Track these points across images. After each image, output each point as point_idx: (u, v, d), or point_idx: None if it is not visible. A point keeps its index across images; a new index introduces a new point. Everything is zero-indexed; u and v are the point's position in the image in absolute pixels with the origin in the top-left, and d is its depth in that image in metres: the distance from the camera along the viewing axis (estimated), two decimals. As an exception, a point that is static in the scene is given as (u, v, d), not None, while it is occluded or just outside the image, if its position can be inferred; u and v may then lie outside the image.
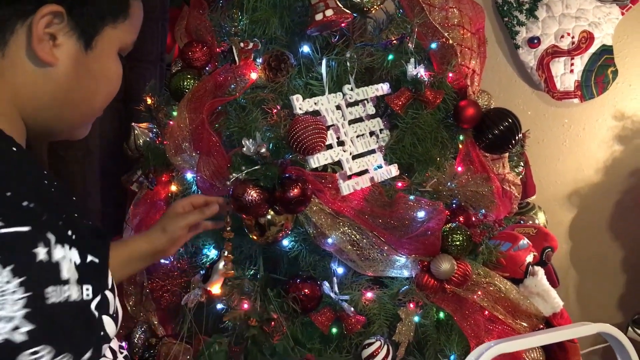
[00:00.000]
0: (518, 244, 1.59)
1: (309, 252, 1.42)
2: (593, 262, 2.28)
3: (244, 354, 1.37)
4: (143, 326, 1.53)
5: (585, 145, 2.26)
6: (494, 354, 1.03)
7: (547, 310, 1.55)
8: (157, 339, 1.51)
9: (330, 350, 1.40)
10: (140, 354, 1.51)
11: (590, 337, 2.30)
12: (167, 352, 1.46)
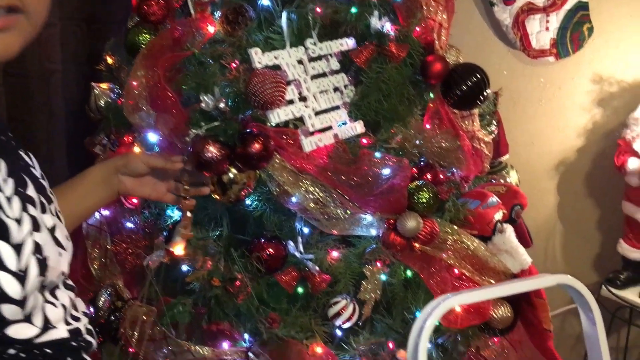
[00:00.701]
0: (487, 201, 1.58)
1: (274, 211, 1.40)
2: (569, 223, 2.28)
3: (208, 314, 1.36)
4: (108, 289, 1.51)
5: (561, 105, 2.24)
6: (451, 305, 1.01)
7: (515, 267, 1.55)
8: (123, 302, 1.49)
9: (296, 310, 1.39)
10: (106, 317, 1.49)
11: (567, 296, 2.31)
12: (133, 315, 1.45)
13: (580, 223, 2.27)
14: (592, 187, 2.24)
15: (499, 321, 1.57)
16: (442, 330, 1.52)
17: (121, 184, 1.15)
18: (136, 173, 1.15)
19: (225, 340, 1.40)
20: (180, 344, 1.36)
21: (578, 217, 2.27)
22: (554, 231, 2.30)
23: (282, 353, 1.34)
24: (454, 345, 1.52)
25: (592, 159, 2.24)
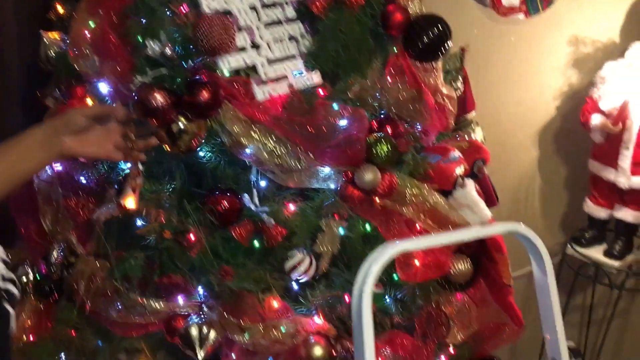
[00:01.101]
0: (448, 156, 1.56)
1: (229, 164, 1.37)
2: (537, 183, 2.28)
3: (160, 268, 1.34)
4: (61, 245, 1.48)
5: (531, 64, 2.21)
6: (397, 251, 1.00)
7: (476, 221, 1.54)
8: (76, 257, 1.47)
9: (251, 263, 1.37)
10: (59, 273, 1.47)
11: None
12: (85, 270, 1.42)
13: (549, 183, 2.27)
14: (561, 147, 2.23)
15: (459, 276, 1.57)
16: (401, 285, 1.51)
17: (63, 144, 1.08)
18: (78, 128, 1.10)
19: (179, 294, 1.38)
20: (132, 298, 1.34)
21: (547, 177, 2.27)
22: (522, 190, 2.30)
23: (236, 306, 1.33)
24: (413, 299, 1.51)
25: (561, 119, 2.22)
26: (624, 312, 2.29)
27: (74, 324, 1.48)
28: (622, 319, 2.30)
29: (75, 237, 1.48)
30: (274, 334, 1.31)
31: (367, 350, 0.96)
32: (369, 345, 0.96)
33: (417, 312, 1.52)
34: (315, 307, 1.40)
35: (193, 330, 1.31)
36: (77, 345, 1.50)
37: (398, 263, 1.47)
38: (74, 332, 1.49)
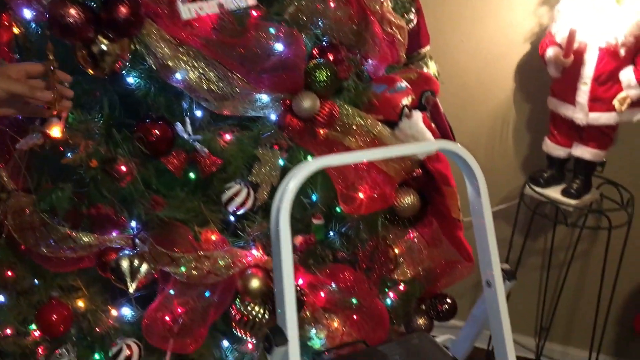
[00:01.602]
0: (394, 86, 1.51)
1: (160, 91, 1.31)
2: (498, 123, 2.24)
3: (88, 199, 1.29)
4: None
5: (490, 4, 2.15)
6: (317, 167, 0.95)
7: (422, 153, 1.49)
8: (7, 193, 1.41)
9: (184, 194, 1.32)
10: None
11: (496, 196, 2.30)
12: (15, 205, 1.37)
13: (509, 123, 2.23)
14: (522, 87, 2.18)
15: (407, 209, 1.54)
16: (345, 218, 1.48)
17: None
18: None
19: (112, 228, 1.34)
20: (60, 230, 1.29)
21: (507, 118, 2.22)
22: (483, 131, 2.26)
23: (167, 236, 1.28)
24: (357, 233, 1.47)
25: (526, 59, 2.17)
26: (583, 253, 2.28)
27: (9, 263, 1.44)
28: (582, 261, 2.30)
29: (6, 172, 1.42)
30: (207, 265, 1.27)
31: (284, 267, 0.92)
32: (286, 261, 0.92)
33: (362, 247, 1.48)
34: (253, 239, 1.36)
35: (124, 263, 1.27)
36: (12, 284, 1.46)
37: (341, 196, 1.43)
38: (10, 272, 1.45)
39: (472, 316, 1.24)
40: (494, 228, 2.37)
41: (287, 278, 0.92)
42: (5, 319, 1.43)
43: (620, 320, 2.34)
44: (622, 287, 2.26)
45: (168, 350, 1.32)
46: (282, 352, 0.92)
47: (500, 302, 1.11)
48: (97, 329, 1.36)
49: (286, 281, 0.92)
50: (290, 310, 0.92)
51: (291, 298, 0.92)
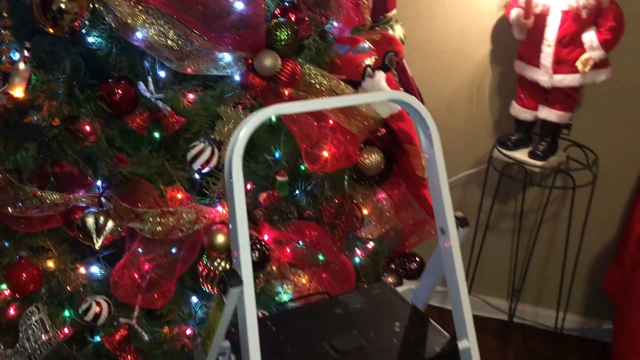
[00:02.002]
0: (357, 46, 1.53)
1: (122, 50, 1.32)
2: (468, 89, 2.27)
3: (51, 157, 1.30)
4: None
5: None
6: (269, 114, 0.97)
7: (385, 112, 1.52)
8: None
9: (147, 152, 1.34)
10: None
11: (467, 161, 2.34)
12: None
13: (480, 89, 2.26)
14: (492, 53, 2.21)
15: (371, 168, 1.57)
16: (310, 177, 1.51)
17: None
18: None
19: (77, 187, 1.36)
20: (25, 190, 1.31)
21: (478, 84, 2.25)
22: (454, 96, 2.29)
23: (132, 194, 1.31)
24: (322, 190, 1.50)
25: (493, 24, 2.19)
26: (552, 216, 2.33)
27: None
28: (551, 223, 2.35)
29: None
30: (172, 221, 1.29)
31: (238, 213, 0.95)
32: (240, 207, 0.95)
33: (327, 204, 1.51)
34: (218, 196, 1.38)
35: (89, 220, 1.29)
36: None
37: (305, 155, 1.45)
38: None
39: (430, 265, 1.28)
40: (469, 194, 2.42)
41: (240, 223, 0.95)
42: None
43: (589, 280, 2.40)
44: (590, 247, 2.31)
45: (136, 305, 1.35)
46: (237, 293, 0.95)
47: (454, 248, 1.14)
48: (67, 287, 1.39)
49: (240, 226, 0.95)
50: (244, 253, 0.95)
51: (245, 242, 0.95)
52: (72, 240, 1.40)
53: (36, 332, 1.38)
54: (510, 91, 2.14)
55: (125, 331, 1.34)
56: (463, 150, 2.34)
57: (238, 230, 0.95)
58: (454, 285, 1.16)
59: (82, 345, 1.40)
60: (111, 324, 1.36)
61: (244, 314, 0.95)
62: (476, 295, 2.54)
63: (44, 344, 1.37)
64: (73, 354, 1.39)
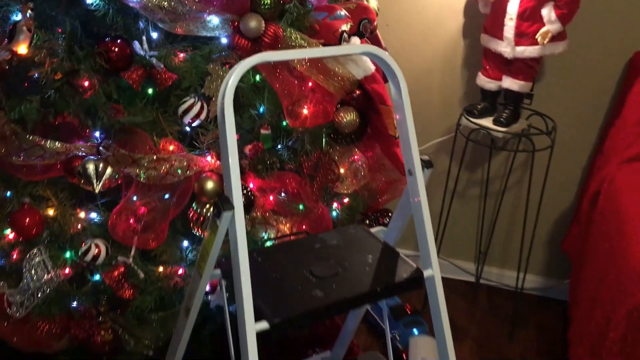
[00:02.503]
0: (334, 13, 1.66)
1: (117, 11, 1.44)
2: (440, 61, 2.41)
3: (54, 109, 1.42)
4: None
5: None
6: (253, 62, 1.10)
7: (359, 73, 1.66)
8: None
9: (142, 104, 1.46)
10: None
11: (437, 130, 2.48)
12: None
13: (451, 61, 2.41)
14: (463, 27, 2.35)
15: (347, 126, 1.70)
16: (291, 132, 1.64)
17: None
18: None
19: (77, 139, 1.47)
20: (29, 139, 1.42)
21: (449, 56, 2.40)
22: (426, 69, 2.43)
23: (128, 141, 1.43)
24: (302, 145, 1.64)
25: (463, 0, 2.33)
26: (516, 182, 2.50)
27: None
28: (515, 189, 2.51)
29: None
30: (165, 167, 1.42)
31: (230, 147, 1.08)
32: (231, 144, 1.08)
33: (307, 158, 1.65)
34: (207, 147, 1.51)
35: (90, 166, 1.41)
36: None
37: (287, 112, 1.59)
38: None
39: (399, 207, 1.42)
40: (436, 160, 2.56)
41: (232, 155, 1.08)
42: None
43: (549, 242, 2.58)
44: (550, 211, 2.49)
45: (133, 246, 1.47)
46: (229, 216, 1.08)
47: (420, 188, 1.29)
48: (68, 231, 1.50)
49: (231, 158, 1.08)
50: (235, 181, 1.08)
51: (236, 171, 1.08)
52: (72, 188, 1.52)
53: (39, 273, 1.49)
54: (478, 63, 2.29)
55: (122, 269, 1.46)
56: (434, 120, 2.50)
57: (230, 161, 1.08)
58: (420, 220, 1.30)
59: (82, 284, 1.52)
60: (109, 263, 1.48)
61: (235, 235, 1.08)
62: (445, 258, 2.70)
63: (46, 283, 1.49)
64: (73, 292, 1.51)
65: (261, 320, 1.12)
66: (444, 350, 1.32)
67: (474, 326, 2.47)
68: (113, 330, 1.54)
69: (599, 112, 2.32)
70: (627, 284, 1.57)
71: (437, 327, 1.32)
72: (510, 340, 2.39)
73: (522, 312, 2.54)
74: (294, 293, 1.20)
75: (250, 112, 1.54)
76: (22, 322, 1.56)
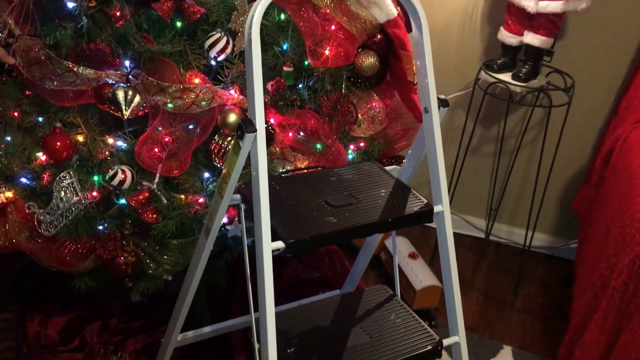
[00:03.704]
0: (361, -44, 1.69)
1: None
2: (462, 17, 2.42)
3: (87, 36, 1.47)
4: (0, 27, 1.59)
5: None
6: None
7: (382, 17, 1.69)
8: (15, 38, 1.59)
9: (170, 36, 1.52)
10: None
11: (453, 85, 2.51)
12: (22, 46, 1.55)
13: (473, 16, 2.42)
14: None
15: (367, 69, 1.75)
16: (312, 72, 1.69)
17: None
18: None
19: (108, 67, 1.53)
20: (63, 64, 1.48)
21: (471, 11, 2.41)
22: (447, 23, 2.45)
23: (157, 70, 1.48)
24: (322, 86, 1.69)
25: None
26: (531, 141, 2.53)
27: (17, 102, 1.63)
28: (530, 147, 2.54)
29: (13, 20, 1.59)
30: (190, 97, 1.48)
31: (255, 77, 1.13)
32: (257, 73, 1.13)
33: (326, 98, 1.70)
34: (231, 81, 1.56)
35: (119, 93, 1.47)
36: (19, 123, 1.66)
37: (309, 52, 1.63)
38: (17, 113, 1.65)
39: (414, 146, 1.47)
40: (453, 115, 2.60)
41: (257, 82, 1.13)
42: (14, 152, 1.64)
43: (561, 201, 2.62)
44: (562, 169, 2.53)
45: (157, 172, 1.54)
46: (252, 137, 1.14)
47: (434, 125, 1.34)
48: (96, 156, 1.58)
49: (256, 84, 1.13)
50: (258, 105, 1.13)
51: (260, 96, 1.13)
52: (101, 116, 1.59)
53: (68, 195, 1.57)
54: (500, 19, 2.31)
55: (147, 194, 1.54)
56: (453, 75, 2.52)
57: (254, 86, 1.13)
58: (433, 158, 1.36)
59: (108, 207, 1.60)
60: (134, 189, 1.56)
61: (257, 156, 1.15)
62: (456, 213, 2.76)
63: (75, 205, 1.57)
64: (100, 215, 1.59)
65: (277, 241, 1.19)
66: (449, 284, 1.39)
67: (480, 279, 2.54)
68: (135, 253, 1.63)
69: (619, 73, 2.34)
70: (632, 233, 1.62)
71: (444, 262, 1.39)
72: (515, 294, 2.46)
73: (529, 269, 2.60)
74: (308, 218, 1.27)
75: (274, 49, 1.58)
76: (50, 241, 1.65)
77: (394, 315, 1.47)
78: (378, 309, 1.49)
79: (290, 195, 1.34)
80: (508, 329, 2.29)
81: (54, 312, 2.00)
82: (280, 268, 2.30)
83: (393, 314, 1.47)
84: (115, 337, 1.95)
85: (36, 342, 1.89)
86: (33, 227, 1.61)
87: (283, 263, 2.33)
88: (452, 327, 1.41)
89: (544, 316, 2.36)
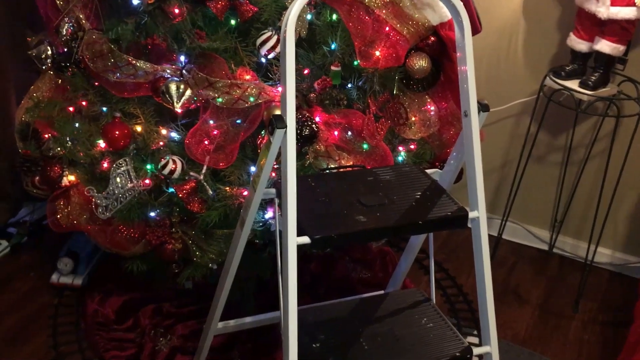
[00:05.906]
0: (416, -43, 1.68)
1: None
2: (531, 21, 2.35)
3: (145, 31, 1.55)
4: (71, 20, 1.71)
5: None
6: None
7: (435, 20, 1.68)
8: (83, 32, 1.70)
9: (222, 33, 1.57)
10: (67, 43, 1.72)
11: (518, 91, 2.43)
12: (88, 39, 1.66)
13: (542, 21, 2.34)
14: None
15: (418, 71, 1.73)
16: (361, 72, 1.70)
17: None
18: None
19: (165, 61, 1.61)
20: (123, 57, 1.57)
21: (540, 16, 2.34)
22: (516, 28, 2.38)
23: (207, 65, 1.55)
24: (371, 85, 1.69)
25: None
26: (600, 152, 2.41)
27: (83, 92, 1.75)
28: (599, 159, 2.43)
29: (84, 14, 1.71)
30: (238, 92, 1.53)
31: (288, 75, 1.15)
32: (290, 74, 1.15)
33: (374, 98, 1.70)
34: (279, 79, 1.60)
35: (172, 86, 1.54)
36: (86, 111, 1.77)
37: (359, 53, 1.64)
38: (85, 102, 1.77)
39: (454, 150, 1.45)
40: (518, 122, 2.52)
41: (289, 81, 1.16)
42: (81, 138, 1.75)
43: (631, 216, 2.48)
44: (632, 182, 2.39)
45: (205, 164, 1.60)
46: (282, 133, 1.17)
47: (473, 130, 1.32)
48: (150, 146, 1.66)
49: (289, 82, 1.16)
50: (290, 103, 1.16)
51: (292, 95, 1.16)
52: (157, 108, 1.67)
53: (123, 181, 1.66)
54: (570, 25, 2.22)
55: (194, 184, 1.60)
56: (519, 81, 2.45)
57: (287, 84, 1.16)
58: (470, 163, 1.34)
59: (159, 195, 1.68)
60: (183, 179, 1.63)
61: (286, 152, 1.17)
62: (518, 222, 2.68)
63: (129, 191, 1.66)
64: (151, 202, 1.68)
65: (303, 236, 1.21)
66: (482, 292, 1.36)
67: (539, 292, 2.45)
68: (183, 240, 1.70)
69: (700, 84, 2.19)
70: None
71: (478, 269, 1.36)
72: (575, 311, 2.36)
73: (592, 285, 2.48)
74: (338, 216, 1.28)
75: (324, 49, 1.61)
76: (106, 224, 1.75)
77: (425, 319, 1.46)
78: (410, 312, 1.48)
79: (325, 193, 1.36)
80: (562, 346, 2.20)
81: (112, 292, 2.11)
82: (331, 266, 2.33)
83: (425, 318, 1.46)
84: (166, 320, 2.04)
85: (93, 319, 2.01)
86: (92, 210, 1.72)
87: (334, 261, 2.35)
88: (484, 337, 1.38)
89: (602, 336, 2.25)
